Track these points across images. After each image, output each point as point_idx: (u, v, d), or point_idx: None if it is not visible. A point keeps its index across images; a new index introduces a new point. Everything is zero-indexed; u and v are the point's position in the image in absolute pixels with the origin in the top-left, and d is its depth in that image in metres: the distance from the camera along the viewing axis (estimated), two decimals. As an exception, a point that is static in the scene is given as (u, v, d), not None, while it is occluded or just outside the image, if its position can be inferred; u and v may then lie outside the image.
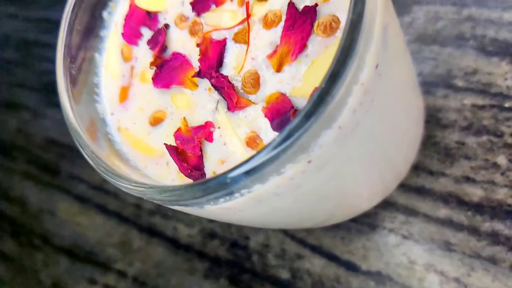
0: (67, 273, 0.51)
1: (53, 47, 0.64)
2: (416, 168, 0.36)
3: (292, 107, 0.20)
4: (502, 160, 0.33)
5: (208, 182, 0.18)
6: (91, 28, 0.26)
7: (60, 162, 0.56)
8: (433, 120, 0.36)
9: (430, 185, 0.35)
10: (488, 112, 0.35)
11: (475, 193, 0.34)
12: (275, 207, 0.21)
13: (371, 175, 0.26)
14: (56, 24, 0.65)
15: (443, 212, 0.35)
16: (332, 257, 0.37)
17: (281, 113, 0.19)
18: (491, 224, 0.33)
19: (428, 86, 0.37)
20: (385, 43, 0.20)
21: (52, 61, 0.62)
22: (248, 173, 0.17)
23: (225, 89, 0.21)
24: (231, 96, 0.21)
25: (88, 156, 0.21)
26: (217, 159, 0.22)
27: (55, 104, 0.59)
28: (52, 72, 0.61)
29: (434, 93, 0.37)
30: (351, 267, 0.37)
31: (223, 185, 0.18)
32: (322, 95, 0.16)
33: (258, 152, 0.17)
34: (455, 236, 0.34)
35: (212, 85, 0.22)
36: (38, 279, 0.53)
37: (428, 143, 0.36)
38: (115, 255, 0.48)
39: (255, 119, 0.21)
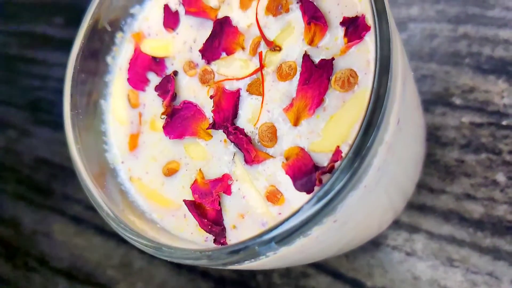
0: (67, 295, 0.51)
1: (37, 62, 0.62)
2: (418, 186, 0.36)
3: (314, 164, 0.20)
4: (501, 177, 0.34)
5: (236, 252, 0.18)
6: (95, 74, 0.25)
7: (52, 182, 0.55)
8: (433, 138, 0.37)
9: (431, 202, 0.36)
10: (486, 130, 0.35)
11: (476, 210, 0.35)
12: (296, 258, 0.21)
13: (386, 209, 0.26)
14: (39, 38, 0.63)
15: (445, 229, 0.35)
16: (337, 275, 0.38)
17: (303, 171, 0.19)
18: (492, 240, 0.34)
19: (426, 104, 0.37)
20: (404, 97, 0.20)
21: (37, 77, 0.60)
22: (277, 241, 0.17)
23: (243, 145, 0.21)
24: (249, 150, 0.21)
25: (107, 218, 0.20)
26: (237, 212, 0.21)
27: (43, 122, 0.57)
28: (38, 89, 0.60)
29: (432, 111, 0.37)
30: (356, 285, 0.37)
31: (251, 253, 0.18)
32: (350, 166, 0.17)
33: (287, 220, 0.17)
34: (458, 252, 0.35)
35: (229, 138, 0.22)
36: (37, 302, 0.52)
37: (428, 161, 0.37)
38: (116, 276, 0.48)
39: (274, 173, 0.21)
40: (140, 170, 0.24)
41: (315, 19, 0.20)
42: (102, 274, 0.48)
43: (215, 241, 0.21)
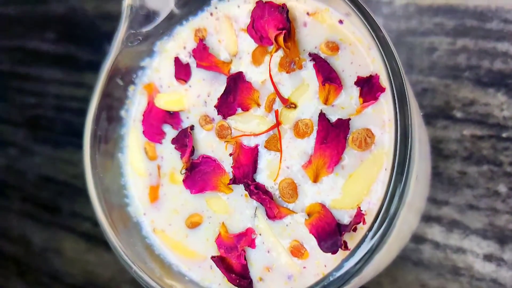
0: (84, 310, 0.52)
1: (31, 79, 0.61)
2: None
3: (337, 223, 0.21)
4: (502, 188, 0.36)
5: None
6: (111, 129, 0.25)
7: (58, 199, 0.55)
8: (435, 151, 0.38)
9: (436, 213, 0.38)
10: (487, 142, 0.36)
11: (479, 219, 0.36)
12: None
13: (405, 236, 0.27)
14: (31, 54, 0.62)
15: (450, 238, 0.37)
16: (348, 285, 0.40)
17: (326, 231, 0.20)
18: (495, 248, 0.36)
19: (428, 117, 0.38)
20: (420, 153, 0.21)
21: (33, 94, 0.59)
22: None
23: (266, 203, 0.22)
24: (271, 207, 0.22)
25: (137, 277, 0.21)
26: (262, 265, 0.22)
27: (43, 140, 0.57)
28: (35, 106, 0.59)
29: (434, 124, 0.38)
30: (367, 294, 0.39)
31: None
32: (378, 235, 0.18)
33: (317, 284, 0.18)
34: (463, 261, 0.37)
35: (251, 197, 0.22)
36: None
37: (432, 173, 0.38)
38: (131, 291, 0.49)
39: (296, 228, 0.22)
40: (163, 222, 0.25)
41: (329, 80, 0.21)
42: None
43: (243, 293, 0.22)
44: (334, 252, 0.20)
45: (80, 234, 0.53)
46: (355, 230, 0.20)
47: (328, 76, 0.21)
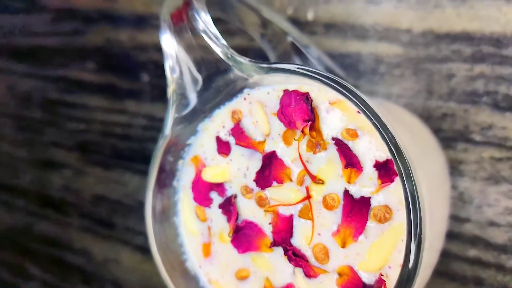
0: (145, 314, 0.59)
1: (77, 106, 0.67)
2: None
3: (364, 284, 0.25)
4: (520, 206, 0.38)
5: None
6: (166, 198, 0.30)
7: (113, 215, 0.61)
8: (456, 172, 0.41)
9: (458, 229, 0.41)
10: (505, 164, 0.39)
11: (499, 236, 0.39)
12: None
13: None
14: (74, 83, 0.67)
15: (471, 252, 0.40)
16: None
17: (355, 292, 0.25)
18: (514, 261, 0.39)
19: (448, 141, 0.41)
20: (432, 222, 0.24)
21: (81, 120, 0.65)
22: None
23: (303, 265, 0.26)
24: (307, 269, 0.26)
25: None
26: (304, 316, 0.27)
27: (94, 162, 0.63)
28: (83, 132, 0.65)
29: (454, 147, 0.41)
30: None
31: None
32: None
33: None
34: (485, 272, 0.40)
35: (289, 258, 0.27)
36: (118, 319, 0.61)
37: (453, 193, 0.41)
38: (185, 297, 0.55)
39: (329, 285, 0.26)
40: (216, 274, 0.30)
41: (351, 165, 0.24)
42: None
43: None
44: (361, 311, 0.24)
45: (135, 247, 0.60)
46: (379, 292, 0.24)
47: (350, 161, 0.25)
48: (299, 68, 0.24)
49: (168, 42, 0.28)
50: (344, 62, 0.45)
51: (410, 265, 0.22)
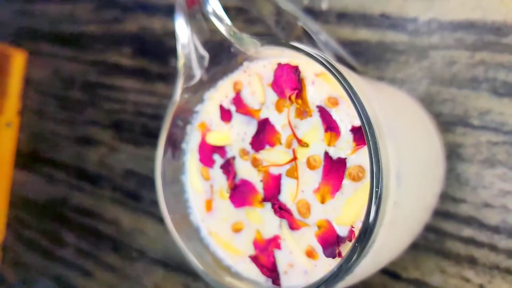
0: (164, 279, 0.64)
1: (113, 88, 0.73)
2: (442, 196, 0.43)
3: (337, 236, 0.28)
4: (514, 189, 0.40)
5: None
6: (176, 157, 0.34)
7: (141, 189, 0.67)
8: (454, 155, 0.43)
9: (454, 210, 0.43)
10: (501, 147, 0.41)
11: (493, 217, 0.41)
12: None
13: (404, 241, 0.34)
14: (111, 67, 0.74)
15: (466, 232, 0.42)
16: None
17: (329, 242, 0.28)
18: (506, 242, 0.40)
19: (448, 125, 0.43)
20: (399, 182, 0.27)
21: (116, 101, 0.71)
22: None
23: (288, 218, 0.29)
24: (291, 221, 0.30)
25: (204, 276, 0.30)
26: (287, 263, 0.30)
27: (126, 140, 0.69)
28: (118, 111, 0.71)
29: (453, 131, 0.43)
30: (394, 276, 0.46)
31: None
32: (358, 247, 0.25)
33: (322, 281, 0.26)
34: (478, 252, 0.42)
35: (275, 211, 0.30)
36: (142, 283, 0.67)
37: (450, 174, 0.43)
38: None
39: (310, 237, 0.29)
40: (216, 227, 0.34)
41: (330, 128, 0.28)
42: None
43: (273, 282, 0.31)
44: (333, 257, 0.27)
45: (159, 219, 0.65)
46: (350, 241, 0.27)
47: (330, 125, 0.28)
48: (285, 42, 0.27)
49: (182, 23, 0.33)
50: (355, 49, 0.48)
51: (370, 220, 0.25)
